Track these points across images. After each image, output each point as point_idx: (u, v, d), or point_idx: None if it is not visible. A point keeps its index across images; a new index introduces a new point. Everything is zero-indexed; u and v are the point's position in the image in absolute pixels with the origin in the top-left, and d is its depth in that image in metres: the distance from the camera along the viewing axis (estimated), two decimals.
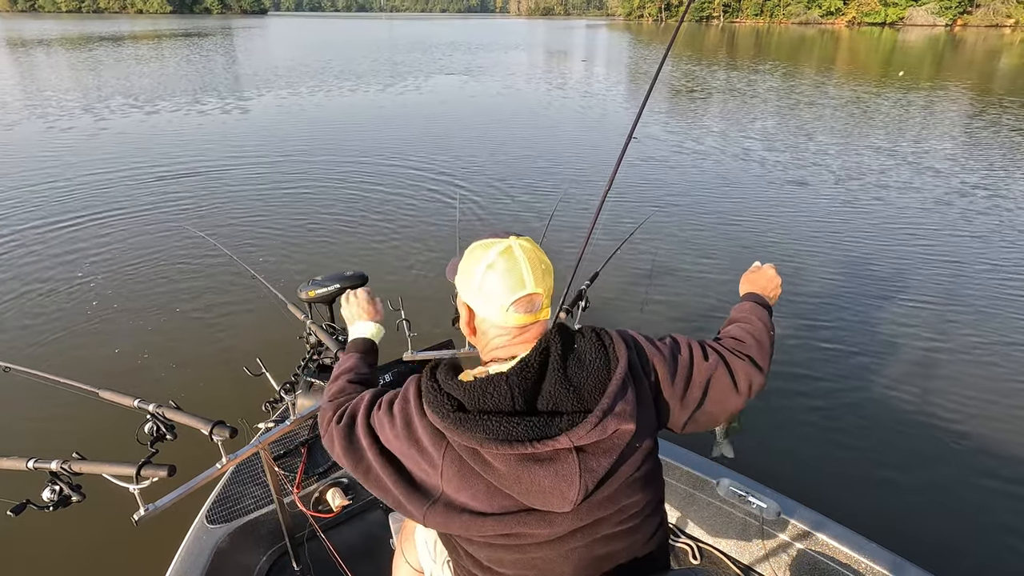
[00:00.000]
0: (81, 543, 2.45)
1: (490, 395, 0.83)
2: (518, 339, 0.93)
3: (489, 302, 0.92)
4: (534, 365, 0.85)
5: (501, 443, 0.80)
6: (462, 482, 0.85)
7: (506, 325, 0.92)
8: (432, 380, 0.88)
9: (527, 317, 0.91)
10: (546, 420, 0.82)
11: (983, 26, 62.87)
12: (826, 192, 7.08)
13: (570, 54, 31.46)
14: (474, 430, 0.81)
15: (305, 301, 1.87)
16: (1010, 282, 4.80)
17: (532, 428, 0.80)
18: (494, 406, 0.82)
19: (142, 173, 7.68)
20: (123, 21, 75.28)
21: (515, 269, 0.90)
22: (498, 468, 0.82)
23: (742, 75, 19.43)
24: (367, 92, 15.62)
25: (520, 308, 0.91)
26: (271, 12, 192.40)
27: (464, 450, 0.84)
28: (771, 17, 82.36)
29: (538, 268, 0.92)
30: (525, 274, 0.90)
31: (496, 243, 0.93)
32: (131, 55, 25.31)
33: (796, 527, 1.69)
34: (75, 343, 3.88)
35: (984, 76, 19.91)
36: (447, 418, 0.83)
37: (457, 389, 0.85)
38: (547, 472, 0.82)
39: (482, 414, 0.82)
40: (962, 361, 3.72)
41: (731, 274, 4.85)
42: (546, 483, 0.82)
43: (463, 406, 0.83)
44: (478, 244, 0.95)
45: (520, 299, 0.90)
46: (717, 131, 10.44)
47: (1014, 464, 2.87)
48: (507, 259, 0.91)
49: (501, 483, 0.83)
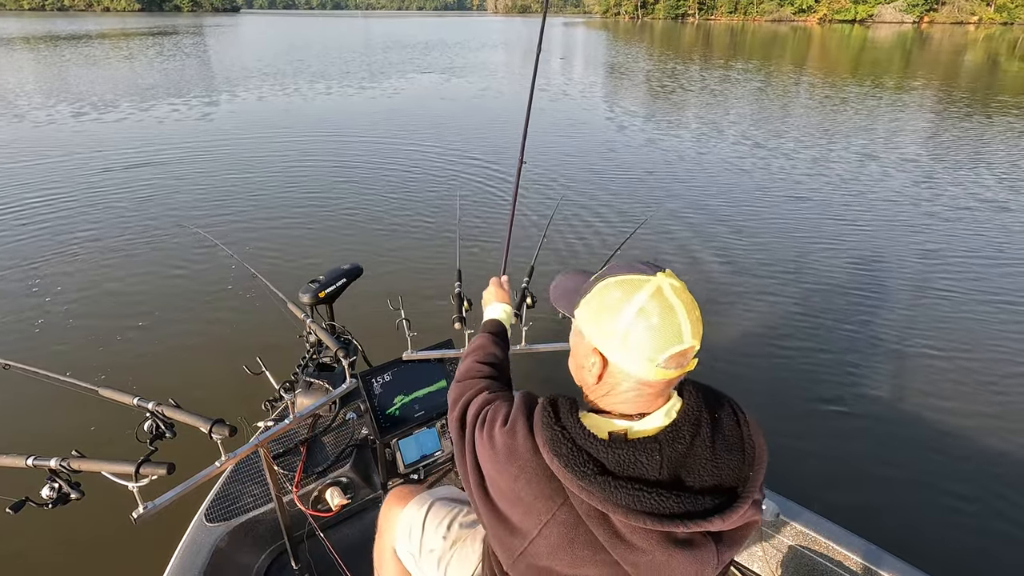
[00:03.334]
0: (80, 541, 2.43)
1: (640, 463, 0.73)
2: (659, 395, 0.81)
3: (637, 356, 0.77)
4: (686, 436, 0.76)
5: (650, 517, 0.70)
6: (566, 546, 0.76)
7: (652, 381, 0.78)
8: (559, 425, 0.77)
9: (676, 372, 0.78)
10: (694, 499, 0.73)
11: (948, 23, 64.67)
12: (826, 193, 7.04)
13: (549, 51, 31.52)
14: (618, 497, 0.71)
15: (310, 305, 1.86)
16: (1011, 277, 4.84)
17: (682, 504, 0.72)
18: (642, 474, 0.73)
19: (142, 173, 7.61)
20: (90, 19, 73.32)
21: (672, 319, 0.76)
22: (629, 541, 0.73)
23: (743, 76, 19.64)
24: (364, 90, 15.50)
25: (672, 364, 0.77)
26: (243, 10, 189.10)
27: (589, 510, 0.74)
28: (745, 14, 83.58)
29: (694, 316, 0.78)
30: (683, 325, 0.77)
31: (643, 281, 0.79)
32: (120, 54, 24.65)
33: (795, 528, 1.69)
34: (75, 341, 3.85)
35: (972, 75, 20.40)
36: (586, 479, 0.72)
37: (596, 447, 0.75)
38: (688, 558, 0.73)
39: (631, 481, 0.72)
40: (962, 361, 3.70)
41: (731, 274, 4.88)
42: (684, 568, 0.73)
43: (605, 468, 0.74)
44: (616, 281, 0.81)
45: (676, 355, 0.77)
46: (715, 131, 10.44)
47: (1017, 465, 2.86)
48: (660, 305, 0.77)
49: (623, 557, 0.74)
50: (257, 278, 1.98)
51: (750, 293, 4.58)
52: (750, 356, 3.77)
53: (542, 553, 0.78)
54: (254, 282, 2.01)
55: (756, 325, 4.15)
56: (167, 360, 3.65)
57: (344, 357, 1.70)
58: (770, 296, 4.53)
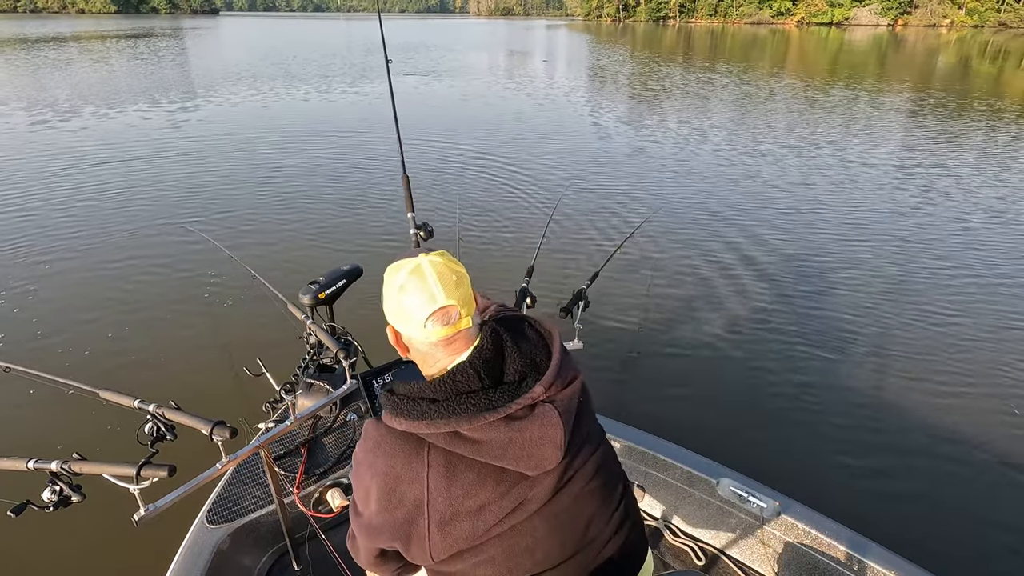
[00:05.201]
0: (81, 543, 2.43)
1: (459, 382, 0.88)
2: (449, 349, 0.95)
3: (408, 321, 0.95)
4: (489, 348, 0.92)
5: (486, 412, 0.85)
6: (451, 480, 0.87)
7: (429, 340, 0.95)
8: (394, 395, 0.92)
9: (447, 329, 0.94)
10: (516, 386, 0.89)
11: (922, 25, 66.20)
12: (829, 194, 7.10)
13: (531, 54, 31.63)
14: (454, 412, 0.85)
15: (310, 306, 1.85)
16: (1009, 273, 4.93)
17: (507, 394, 0.88)
18: (467, 388, 0.88)
19: (142, 174, 7.56)
20: (63, 21, 71.89)
21: (424, 286, 0.93)
22: (486, 440, 0.86)
23: (728, 79, 19.86)
24: (364, 90, 15.49)
25: (437, 322, 0.93)
26: (223, 12, 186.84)
27: (447, 439, 0.86)
28: (725, 17, 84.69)
29: (449, 281, 0.94)
30: (435, 289, 0.93)
31: (405, 264, 0.96)
32: (118, 56, 24.20)
33: (796, 527, 1.70)
34: (75, 343, 3.84)
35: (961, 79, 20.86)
36: (425, 414, 0.86)
37: (426, 388, 0.89)
38: (534, 424, 0.87)
39: (458, 395, 0.87)
40: (965, 359, 3.74)
41: (731, 274, 4.92)
42: (535, 433, 0.87)
43: (436, 399, 0.88)
44: (390, 267, 0.98)
45: (434, 313, 0.93)
46: (713, 132, 10.52)
47: (1020, 463, 2.88)
48: (416, 277, 0.94)
49: (493, 455, 0.86)
50: (257, 279, 1.97)
51: (764, 289, 4.67)
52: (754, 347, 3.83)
53: (442, 506, 0.88)
54: (254, 283, 2.00)
55: (759, 315, 4.22)
56: (168, 362, 3.65)
57: (345, 358, 1.69)
58: (772, 287, 4.62)
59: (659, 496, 2.01)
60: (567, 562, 0.95)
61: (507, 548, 0.91)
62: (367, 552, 1.02)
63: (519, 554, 0.91)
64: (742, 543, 1.85)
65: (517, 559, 0.92)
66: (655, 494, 2.01)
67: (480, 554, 0.91)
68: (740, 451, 2.92)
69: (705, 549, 1.91)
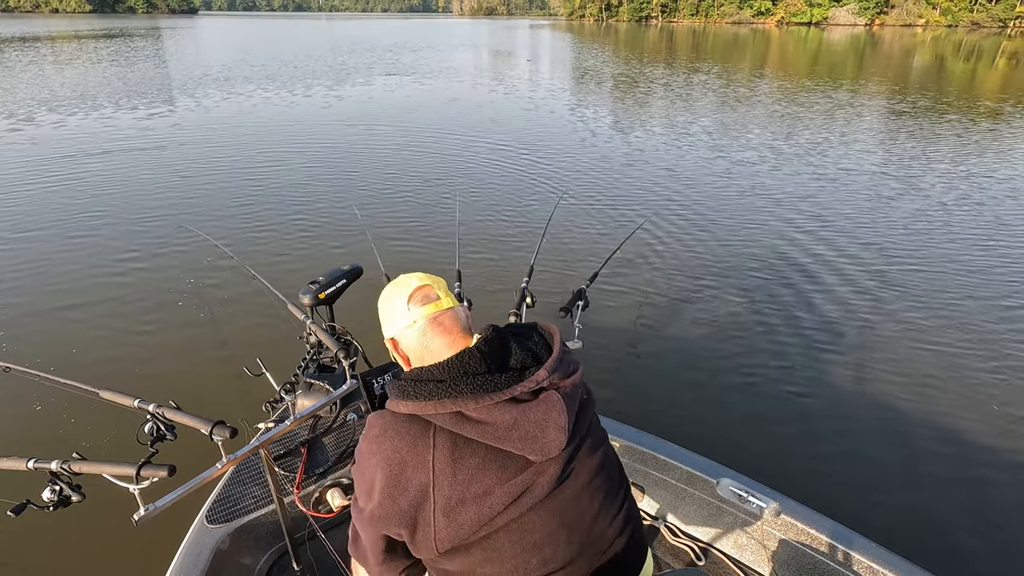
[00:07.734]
0: (81, 543, 2.41)
1: (466, 363, 0.92)
2: (446, 339, 1.00)
3: (395, 316, 1.03)
4: (494, 338, 0.97)
5: (491, 392, 0.88)
6: (457, 464, 0.88)
7: (417, 326, 1.00)
8: (401, 379, 0.95)
9: (429, 307, 1.01)
10: (519, 372, 0.93)
11: (898, 25, 67.45)
12: (830, 194, 7.15)
13: (515, 54, 31.65)
14: (460, 392, 0.88)
15: (310, 306, 1.84)
16: (1008, 269, 5.00)
17: (511, 378, 0.91)
18: (473, 370, 0.91)
19: (142, 174, 7.50)
20: (38, 20, 70.34)
21: (401, 283, 1.06)
22: (492, 421, 0.88)
23: (717, 79, 20.01)
24: (363, 91, 15.43)
25: (418, 302, 1.01)
26: (202, 11, 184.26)
27: (453, 420, 0.88)
28: (706, 17, 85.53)
29: (421, 275, 1.06)
30: (410, 280, 1.05)
31: (391, 285, 1.09)
32: (120, 56, 23.70)
33: (796, 527, 1.71)
34: (75, 343, 3.81)
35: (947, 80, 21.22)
36: (432, 393, 0.89)
37: (433, 370, 0.93)
38: (539, 408, 0.90)
39: (464, 376, 0.90)
40: (964, 359, 3.75)
41: (731, 274, 4.94)
42: (540, 415, 0.90)
43: (443, 380, 0.91)
44: (381, 299, 1.10)
45: (412, 294, 1.02)
46: (712, 134, 10.54)
47: (1020, 463, 2.89)
48: (394, 284, 1.08)
49: (498, 436, 0.88)
50: (257, 279, 1.96)
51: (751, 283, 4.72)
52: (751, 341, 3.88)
53: (447, 490, 0.88)
54: (254, 283, 1.99)
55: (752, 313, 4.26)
56: (168, 362, 3.63)
57: (344, 358, 1.69)
58: (772, 287, 4.65)
59: (658, 496, 2.01)
60: (573, 562, 0.95)
61: (516, 542, 0.90)
62: (373, 546, 1.00)
63: (528, 550, 0.91)
64: (741, 543, 1.86)
65: (525, 556, 0.91)
66: (654, 494, 2.02)
67: (488, 549, 0.90)
68: (740, 451, 2.93)
69: (704, 549, 1.91)
